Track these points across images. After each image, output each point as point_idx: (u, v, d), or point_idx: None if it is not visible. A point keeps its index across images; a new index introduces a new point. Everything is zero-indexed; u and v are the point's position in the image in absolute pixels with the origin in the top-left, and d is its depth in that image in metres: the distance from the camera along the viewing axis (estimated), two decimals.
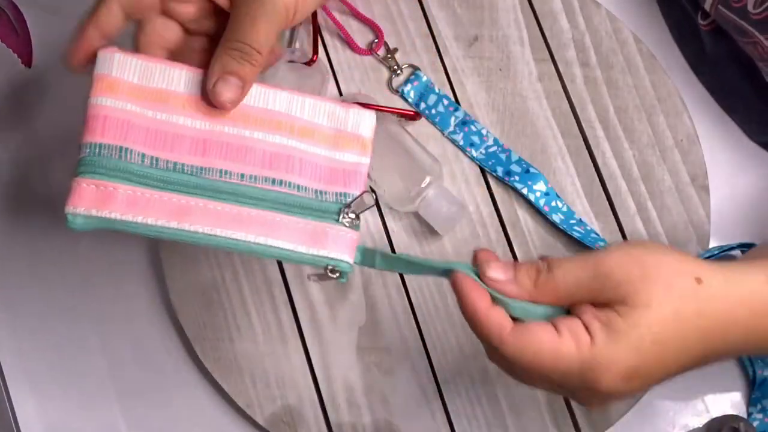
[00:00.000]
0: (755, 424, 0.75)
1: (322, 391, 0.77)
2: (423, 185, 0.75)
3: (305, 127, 0.60)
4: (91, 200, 0.55)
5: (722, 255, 0.76)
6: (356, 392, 0.77)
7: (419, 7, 0.82)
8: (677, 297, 0.51)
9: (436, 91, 0.80)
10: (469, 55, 0.81)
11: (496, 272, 0.54)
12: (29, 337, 0.81)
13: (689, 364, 0.54)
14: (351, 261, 0.58)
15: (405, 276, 0.78)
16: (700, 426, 0.75)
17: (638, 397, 0.75)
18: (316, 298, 0.78)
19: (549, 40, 0.82)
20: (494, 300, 0.55)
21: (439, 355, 0.77)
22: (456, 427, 0.76)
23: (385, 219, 0.79)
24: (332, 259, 0.57)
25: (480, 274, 0.55)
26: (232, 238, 0.56)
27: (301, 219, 0.57)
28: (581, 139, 0.80)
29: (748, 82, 0.78)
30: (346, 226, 0.58)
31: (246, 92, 0.58)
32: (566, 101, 0.81)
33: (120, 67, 0.57)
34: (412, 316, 0.77)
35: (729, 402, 0.77)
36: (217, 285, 0.78)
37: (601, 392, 0.52)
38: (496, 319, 0.53)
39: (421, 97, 0.80)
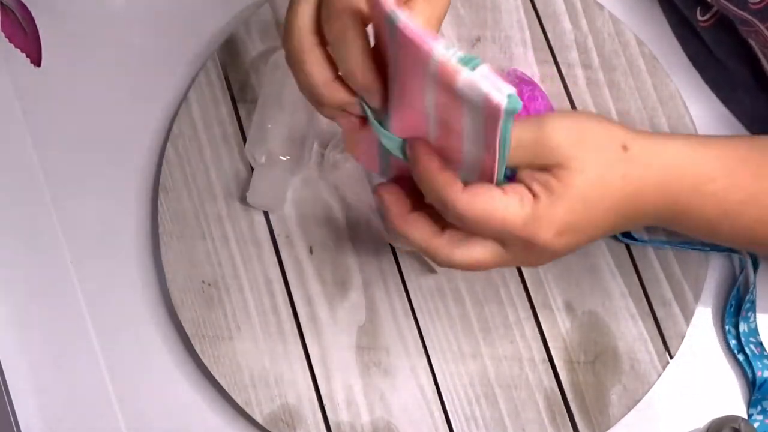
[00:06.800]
0: (755, 425, 0.74)
1: (321, 391, 0.77)
2: None
3: None
4: None
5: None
6: (355, 392, 0.76)
7: None
8: (605, 162, 0.56)
9: None
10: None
11: None
12: (29, 335, 0.81)
13: (615, 223, 0.59)
14: None
15: (405, 276, 0.78)
16: (701, 426, 0.75)
17: (638, 398, 0.75)
18: (316, 297, 0.78)
19: (551, 42, 0.82)
20: None
21: (438, 355, 0.77)
22: (454, 428, 0.75)
23: None
24: None
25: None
26: None
27: None
28: None
29: (752, 76, 0.78)
30: None
31: None
32: (568, 103, 0.81)
33: None
34: (411, 316, 0.77)
35: (729, 403, 0.77)
36: (217, 283, 0.78)
37: (539, 246, 0.57)
38: (450, 177, 0.56)
39: None
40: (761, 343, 0.76)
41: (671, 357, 0.75)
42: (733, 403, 0.77)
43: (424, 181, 0.56)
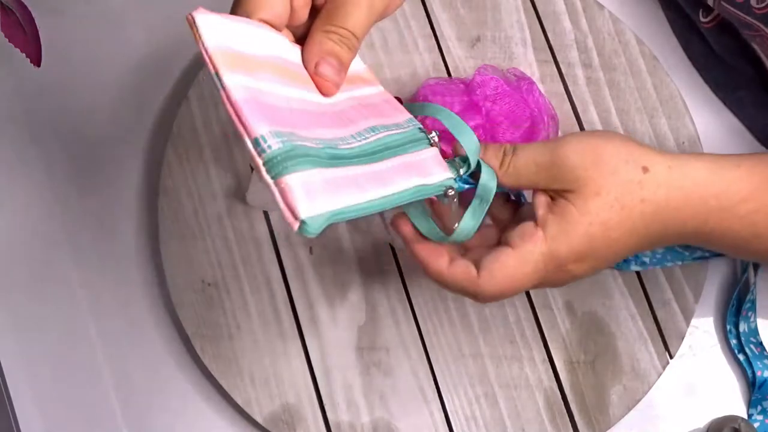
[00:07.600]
0: (755, 425, 0.74)
1: (321, 390, 0.76)
2: None
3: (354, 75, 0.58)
4: (322, 197, 0.47)
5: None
6: (355, 391, 0.76)
7: (422, 7, 0.82)
8: (623, 184, 0.55)
9: None
10: (472, 55, 0.82)
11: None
12: (29, 335, 0.81)
13: (635, 246, 0.58)
14: (452, 175, 0.56)
15: (405, 276, 0.78)
16: (701, 426, 0.75)
17: (638, 398, 0.75)
18: (316, 296, 0.78)
19: (551, 42, 0.82)
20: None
21: (438, 355, 0.77)
22: (454, 427, 0.75)
23: None
24: (445, 179, 0.56)
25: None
26: (389, 194, 0.51)
27: (408, 155, 0.55)
28: None
29: (756, 76, 0.78)
30: (432, 144, 0.57)
31: (344, 77, 0.56)
32: (568, 103, 0.81)
33: (232, 37, 0.50)
34: (411, 316, 0.77)
35: (729, 403, 0.77)
36: (217, 283, 0.78)
37: (570, 273, 0.58)
38: (462, 272, 0.57)
39: None
40: (761, 343, 0.76)
41: (671, 357, 0.75)
42: (733, 403, 0.77)
43: (438, 281, 0.60)
